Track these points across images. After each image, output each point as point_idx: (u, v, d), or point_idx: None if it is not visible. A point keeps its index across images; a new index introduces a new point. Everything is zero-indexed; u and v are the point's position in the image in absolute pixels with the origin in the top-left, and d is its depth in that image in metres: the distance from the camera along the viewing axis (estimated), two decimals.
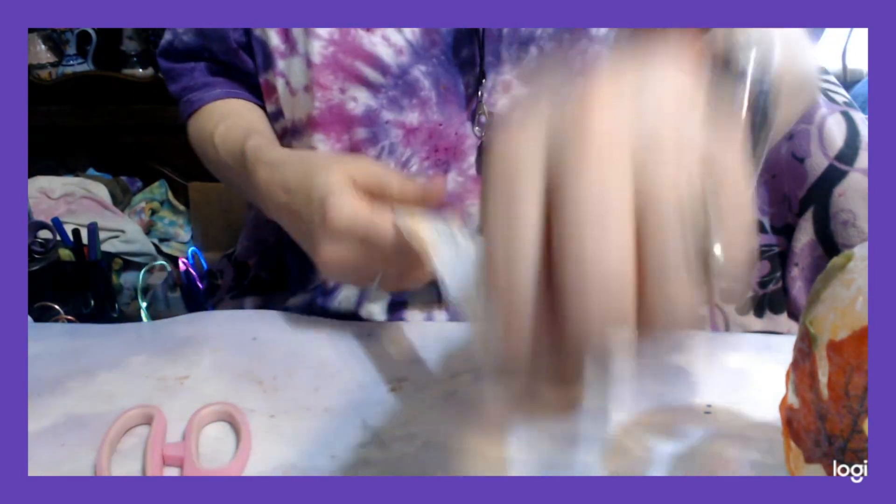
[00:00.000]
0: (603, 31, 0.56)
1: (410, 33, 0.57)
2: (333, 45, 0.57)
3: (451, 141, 0.58)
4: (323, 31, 0.57)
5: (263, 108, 0.66)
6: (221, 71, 0.68)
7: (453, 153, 0.58)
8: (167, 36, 0.69)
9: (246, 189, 0.58)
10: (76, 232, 1.08)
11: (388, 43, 0.57)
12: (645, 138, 0.22)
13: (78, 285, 1.00)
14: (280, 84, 0.61)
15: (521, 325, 0.22)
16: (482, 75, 0.57)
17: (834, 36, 1.40)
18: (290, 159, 0.52)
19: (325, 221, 0.44)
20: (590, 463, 0.43)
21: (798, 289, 0.77)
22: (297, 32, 0.59)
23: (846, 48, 1.41)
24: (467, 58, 0.57)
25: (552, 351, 0.23)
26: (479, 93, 0.57)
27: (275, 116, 0.64)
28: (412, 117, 0.58)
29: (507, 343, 0.22)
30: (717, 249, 0.23)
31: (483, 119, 0.58)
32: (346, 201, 0.44)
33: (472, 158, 0.58)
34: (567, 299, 0.21)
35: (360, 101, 0.58)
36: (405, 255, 0.43)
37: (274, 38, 0.60)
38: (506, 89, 0.58)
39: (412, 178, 0.46)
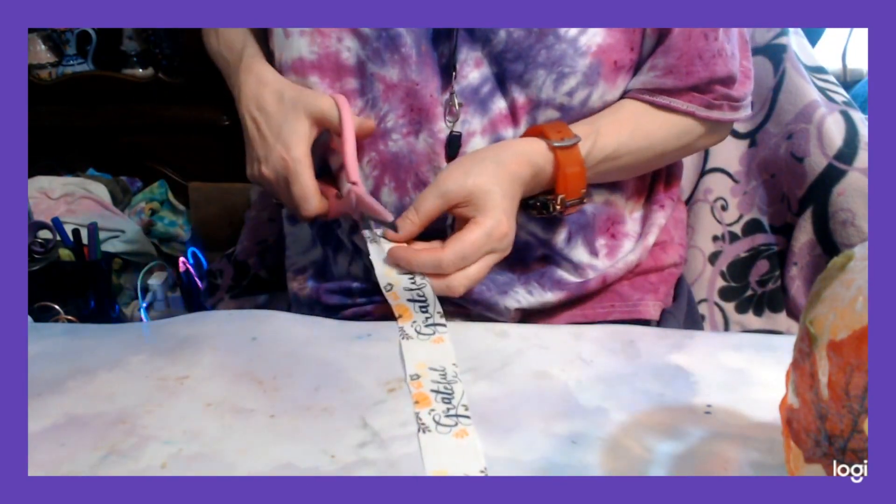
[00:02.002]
0: (572, 32, 0.57)
1: None
2: None
3: (426, 102, 0.60)
4: None
5: None
6: None
7: (426, 115, 0.61)
8: None
9: (230, 82, 0.68)
10: (76, 232, 1.08)
11: None
12: None
13: (78, 285, 1.00)
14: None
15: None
16: (455, 49, 0.59)
17: (834, 36, 1.40)
18: (273, 83, 0.62)
19: (282, 160, 0.59)
20: (590, 463, 0.43)
21: (797, 288, 0.77)
22: None
23: (846, 48, 1.41)
24: (443, 29, 0.59)
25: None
26: (452, 73, 0.60)
27: (269, 55, 0.66)
28: (393, 73, 0.60)
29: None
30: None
31: (455, 109, 0.60)
32: (303, 162, 0.59)
33: (441, 123, 0.61)
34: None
35: (352, 51, 0.60)
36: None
37: None
38: (477, 65, 0.60)
39: (354, 118, 0.60)
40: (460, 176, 0.56)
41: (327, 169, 0.65)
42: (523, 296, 0.66)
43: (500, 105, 0.61)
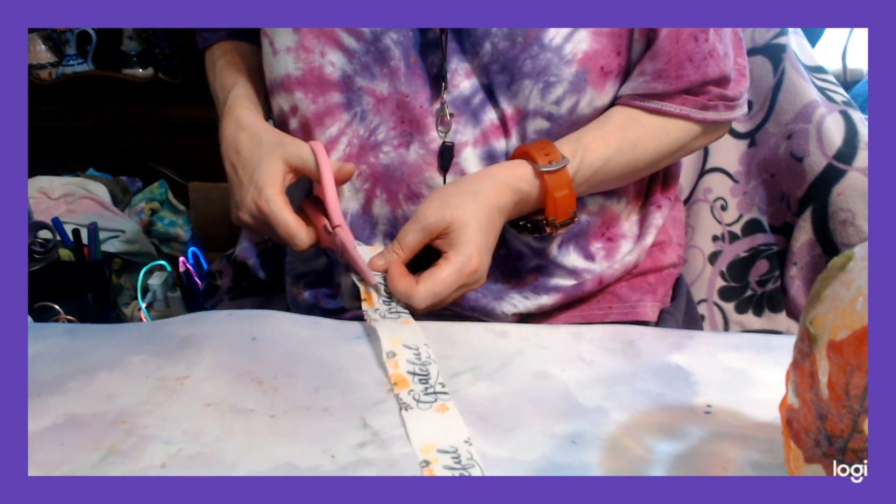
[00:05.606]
0: (556, 40, 0.57)
1: None
2: None
3: (417, 113, 0.60)
4: None
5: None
6: None
7: (417, 126, 0.61)
8: None
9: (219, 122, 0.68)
10: (76, 232, 1.08)
11: None
12: None
13: (78, 285, 1.00)
14: (265, 43, 0.64)
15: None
16: (444, 58, 0.59)
17: (834, 36, 1.40)
18: (252, 127, 0.62)
19: (255, 204, 0.59)
20: (590, 463, 0.43)
21: (797, 287, 0.77)
22: None
23: (846, 48, 1.41)
24: (433, 40, 0.60)
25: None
26: (443, 84, 0.60)
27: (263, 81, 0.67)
28: (382, 87, 0.61)
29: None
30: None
31: (446, 119, 0.60)
32: (275, 201, 0.58)
33: (433, 133, 0.61)
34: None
35: (336, 65, 0.61)
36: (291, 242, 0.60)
37: None
38: (468, 76, 0.60)
39: (332, 163, 0.60)
40: (439, 209, 0.56)
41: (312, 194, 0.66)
42: (519, 300, 0.66)
43: (491, 116, 0.61)
